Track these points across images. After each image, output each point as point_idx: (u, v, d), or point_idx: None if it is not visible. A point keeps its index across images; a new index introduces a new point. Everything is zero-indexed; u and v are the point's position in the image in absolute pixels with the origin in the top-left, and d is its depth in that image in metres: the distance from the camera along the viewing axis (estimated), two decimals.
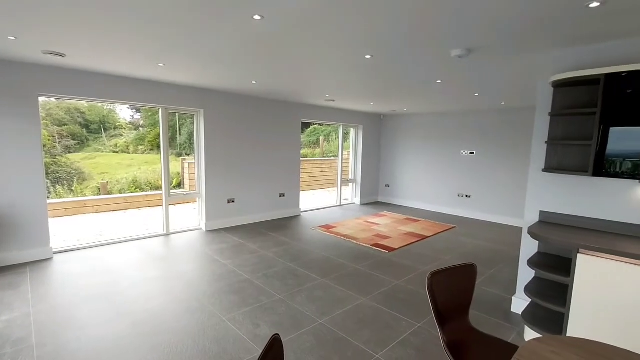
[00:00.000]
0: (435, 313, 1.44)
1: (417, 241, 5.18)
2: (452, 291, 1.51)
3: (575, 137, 2.60)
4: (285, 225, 6.02)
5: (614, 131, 2.32)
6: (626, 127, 2.29)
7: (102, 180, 8.81)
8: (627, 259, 2.05)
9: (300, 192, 7.05)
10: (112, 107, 11.60)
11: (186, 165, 8.08)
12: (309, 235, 5.41)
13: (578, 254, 2.22)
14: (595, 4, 1.83)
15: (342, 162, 7.94)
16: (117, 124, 11.96)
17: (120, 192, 8.60)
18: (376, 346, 2.46)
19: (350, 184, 8.42)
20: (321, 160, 10.81)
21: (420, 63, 3.21)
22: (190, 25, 2.36)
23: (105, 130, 11.67)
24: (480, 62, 3.12)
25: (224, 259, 4.18)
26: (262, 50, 2.91)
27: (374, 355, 2.35)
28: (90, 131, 11.33)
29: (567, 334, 2.31)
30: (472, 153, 6.98)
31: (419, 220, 6.61)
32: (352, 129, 8.24)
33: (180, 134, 10.90)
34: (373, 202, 8.66)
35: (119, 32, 2.53)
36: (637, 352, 1.94)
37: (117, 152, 11.39)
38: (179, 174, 8.43)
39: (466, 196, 7.13)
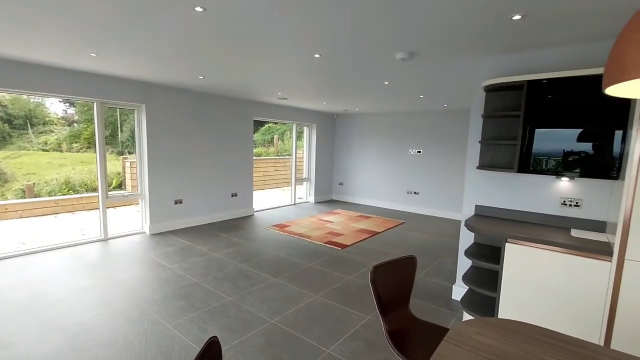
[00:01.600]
0: (378, 304, 1.49)
1: (369, 237, 5.35)
2: (394, 282, 1.58)
3: (504, 137, 2.85)
4: (237, 225, 5.87)
5: (539, 132, 2.59)
6: (548, 129, 2.56)
7: (28, 181, 7.88)
8: (548, 246, 2.30)
9: (254, 192, 6.93)
10: (40, 100, 10.41)
11: (127, 164, 7.53)
12: (263, 234, 5.33)
13: (506, 243, 2.45)
14: (517, 17, 2.02)
15: (295, 161, 7.94)
16: (47, 119, 10.75)
17: (49, 195, 7.76)
18: (327, 341, 2.50)
19: (305, 183, 8.45)
20: (275, 159, 10.71)
21: (367, 64, 3.31)
22: (125, 12, 2.19)
23: (32, 125, 10.44)
24: (423, 66, 3.30)
25: (169, 263, 3.96)
26: (208, 44, 2.80)
27: (325, 350, 2.38)
28: (14, 127, 10.05)
29: (498, 317, 2.54)
30: (420, 152, 7.37)
31: (371, 217, 6.83)
32: (305, 128, 8.27)
33: (121, 131, 10.12)
34: (327, 200, 8.78)
35: (43, 15, 2.27)
36: (556, 330, 2.19)
37: (47, 150, 10.24)
38: (119, 173, 7.83)
39: (414, 193, 7.51)
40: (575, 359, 1.08)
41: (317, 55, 3.00)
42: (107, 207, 4.78)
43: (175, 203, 5.43)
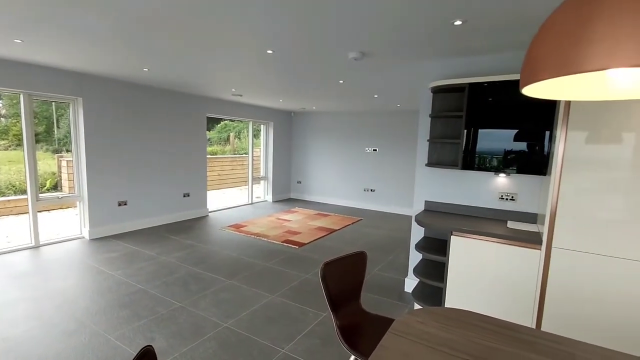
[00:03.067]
0: (329, 301, 1.50)
1: (326, 235, 5.39)
2: (345, 278, 1.60)
3: (450, 136, 3.02)
4: (190, 226, 5.61)
5: (482, 132, 2.77)
6: (490, 130, 2.75)
7: None
8: (487, 237, 2.47)
9: (210, 191, 6.68)
10: None
11: (64, 163, 6.85)
12: (217, 235, 5.14)
13: (451, 236, 2.59)
14: (458, 22, 2.13)
15: (252, 159, 7.78)
16: None
17: None
18: (283, 341, 2.47)
19: (262, 182, 8.31)
20: (232, 157, 10.40)
21: (321, 63, 3.31)
22: None
23: None
24: (375, 66, 3.38)
25: (112, 270, 3.67)
26: (149, 33, 2.62)
27: (280, 350, 2.35)
28: None
29: (445, 306, 2.68)
30: (375, 150, 7.58)
31: (328, 215, 6.90)
32: (262, 126, 8.13)
33: (58, 127, 9.19)
34: (285, 199, 8.72)
35: None
36: (496, 315, 2.36)
37: None
38: (54, 173, 7.10)
39: (371, 190, 7.71)
40: (509, 341, 1.16)
41: (269, 51, 2.94)
42: (39, 211, 4.31)
43: (119, 205, 5.05)
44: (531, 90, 0.80)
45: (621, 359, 1.08)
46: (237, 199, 8.41)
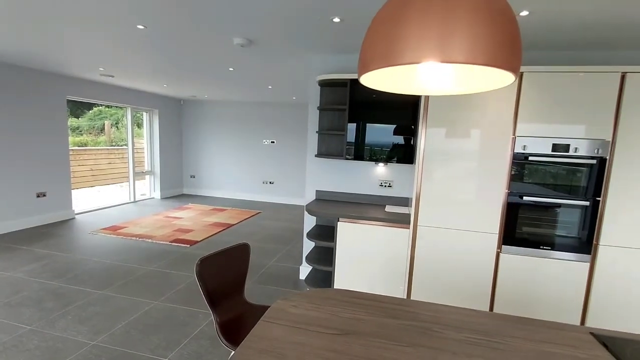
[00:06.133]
0: (207, 297, 1.41)
1: (223, 230, 5.15)
2: (225, 272, 1.53)
3: (337, 129, 3.19)
4: (47, 233, 4.63)
5: (369, 126, 2.99)
6: (374, 124, 2.99)
7: None
8: (369, 221, 2.70)
9: (79, 190, 5.63)
10: None
11: None
12: (86, 241, 4.38)
13: (338, 223, 2.76)
14: (337, 19, 2.24)
15: (133, 152, 6.86)
16: None
17: None
18: (166, 349, 2.25)
19: (147, 177, 7.42)
20: (108, 149, 8.95)
21: (204, 46, 3.08)
22: None
23: None
24: (264, 56, 3.32)
25: None
26: None
27: (162, 359, 2.14)
28: None
29: (334, 288, 2.85)
30: (273, 142, 7.56)
31: (226, 210, 6.60)
32: (145, 113, 7.22)
33: None
34: (177, 195, 7.99)
35: None
36: (378, 292, 2.61)
37: None
38: None
39: (270, 182, 7.68)
40: (372, 311, 1.28)
41: (140, 27, 2.58)
42: None
43: None
44: (366, 81, 0.87)
45: (469, 313, 1.30)
46: (118, 197, 7.32)
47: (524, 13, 2.01)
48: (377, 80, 0.92)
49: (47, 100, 4.93)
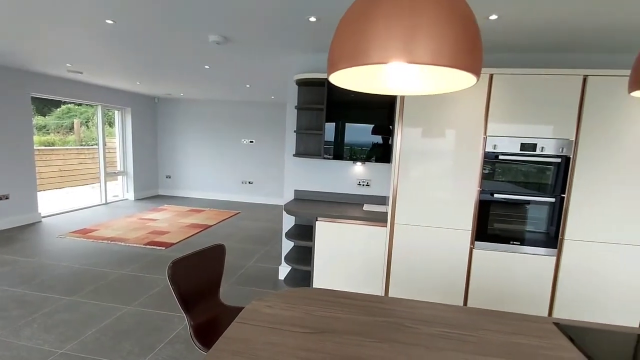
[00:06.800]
0: (180, 300, 1.38)
1: (200, 231, 5.04)
2: (199, 274, 1.50)
3: (315, 128, 3.19)
4: (12, 237, 4.38)
5: (348, 125, 3.00)
6: (353, 124, 3.00)
7: None
8: (347, 220, 2.72)
9: (46, 192, 5.35)
10: None
11: None
12: (54, 245, 4.17)
13: (316, 222, 2.76)
14: (313, 19, 2.24)
15: (104, 151, 6.60)
16: None
17: None
18: (139, 355, 2.18)
19: (120, 177, 7.16)
20: (78, 149, 8.56)
21: (178, 43, 3.00)
22: None
23: None
24: (240, 54, 3.27)
25: None
26: None
27: None
28: None
29: (313, 287, 2.85)
30: (252, 142, 7.47)
31: (203, 210, 6.47)
32: (117, 112, 6.95)
33: None
34: (152, 196, 7.76)
35: None
36: (357, 290, 2.62)
37: None
38: None
39: (249, 182, 7.58)
40: (347, 309, 1.29)
41: (109, 21, 2.48)
42: None
43: None
44: (335, 80, 0.87)
45: (443, 308, 1.33)
46: (89, 199, 7.01)
47: (493, 17, 2.08)
48: (347, 79, 0.92)
49: (8, 97, 4.66)
